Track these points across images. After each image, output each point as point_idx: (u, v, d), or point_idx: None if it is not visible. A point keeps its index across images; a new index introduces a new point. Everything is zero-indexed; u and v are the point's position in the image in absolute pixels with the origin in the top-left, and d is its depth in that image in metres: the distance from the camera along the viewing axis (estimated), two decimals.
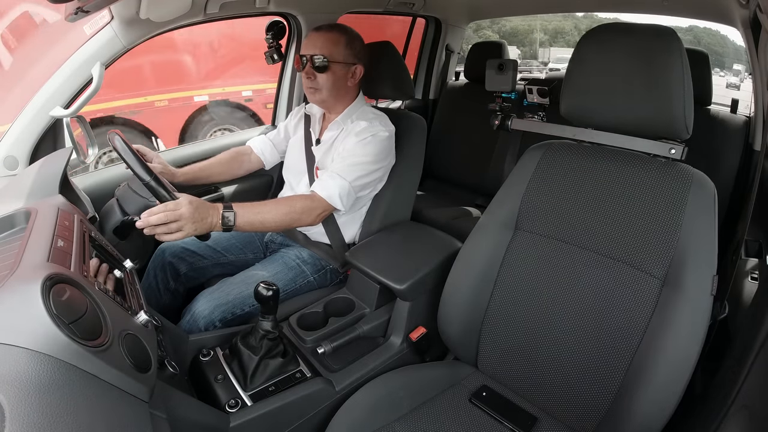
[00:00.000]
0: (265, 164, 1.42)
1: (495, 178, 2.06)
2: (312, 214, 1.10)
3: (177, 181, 1.21)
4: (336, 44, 1.17)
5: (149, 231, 0.88)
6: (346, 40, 1.19)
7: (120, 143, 0.96)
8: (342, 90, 1.22)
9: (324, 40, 1.17)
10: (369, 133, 1.16)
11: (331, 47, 1.16)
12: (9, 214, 0.71)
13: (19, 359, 0.42)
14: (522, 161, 0.97)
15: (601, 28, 0.83)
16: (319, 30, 1.20)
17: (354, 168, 1.14)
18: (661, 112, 0.77)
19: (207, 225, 0.93)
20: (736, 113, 1.67)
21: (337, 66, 1.18)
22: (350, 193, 1.13)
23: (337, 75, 1.19)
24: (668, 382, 0.74)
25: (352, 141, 1.17)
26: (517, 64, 1.06)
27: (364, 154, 1.15)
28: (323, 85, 1.18)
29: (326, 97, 1.21)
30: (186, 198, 0.91)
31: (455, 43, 2.47)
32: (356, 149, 1.15)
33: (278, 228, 1.08)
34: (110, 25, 1.14)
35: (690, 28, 6.90)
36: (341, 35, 1.18)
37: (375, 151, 1.16)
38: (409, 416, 0.86)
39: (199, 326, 1.04)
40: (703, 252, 0.75)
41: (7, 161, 1.11)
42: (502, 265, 0.94)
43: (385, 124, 1.21)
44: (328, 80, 1.18)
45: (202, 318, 1.04)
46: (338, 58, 1.17)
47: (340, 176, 1.12)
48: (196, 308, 1.07)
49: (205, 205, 0.94)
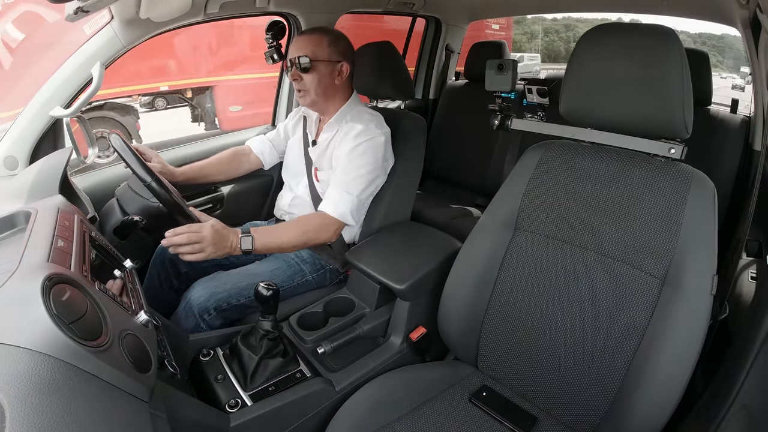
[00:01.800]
0: (264, 164, 1.42)
1: (495, 178, 2.06)
2: (328, 231, 1.14)
3: (176, 180, 1.21)
4: (318, 44, 1.18)
5: (173, 250, 0.94)
6: (329, 39, 1.19)
7: (120, 143, 0.96)
8: (330, 89, 1.22)
9: (306, 42, 1.18)
10: (365, 138, 1.16)
11: (314, 47, 1.17)
12: (9, 214, 0.71)
13: (19, 359, 0.42)
14: (522, 161, 0.97)
15: (600, 28, 0.83)
16: (302, 33, 1.22)
17: (357, 181, 1.15)
18: (661, 111, 0.77)
19: (227, 249, 0.99)
20: (736, 113, 1.67)
21: (321, 65, 1.18)
22: (359, 208, 1.17)
23: (323, 73, 1.19)
24: (668, 382, 0.74)
25: (348, 145, 1.17)
26: (516, 64, 1.06)
27: (365, 164, 1.16)
28: (310, 85, 1.19)
29: (315, 98, 1.21)
30: (210, 222, 0.98)
31: (455, 43, 2.47)
32: (355, 160, 1.16)
33: (295, 248, 1.13)
34: (110, 25, 1.14)
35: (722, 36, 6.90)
36: (323, 35, 1.19)
37: (374, 159, 1.17)
38: (409, 416, 0.86)
39: (193, 312, 1.04)
40: (703, 252, 0.75)
41: (7, 161, 1.11)
42: (502, 265, 0.94)
43: (380, 126, 1.21)
44: (314, 80, 1.18)
45: (197, 305, 1.05)
46: (322, 56, 1.18)
47: (347, 192, 1.14)
48: (191, 295, 1.07)
49: (226, 229, 1.00)
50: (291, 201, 1.31)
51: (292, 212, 1.30)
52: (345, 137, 1.19)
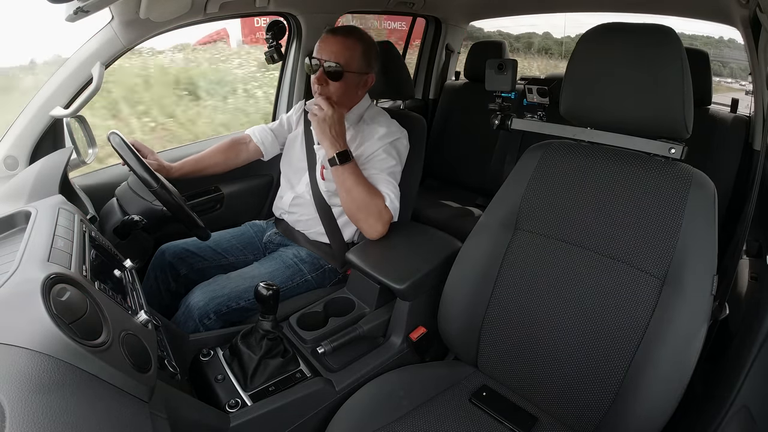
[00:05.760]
0: (264, 154, 1.38)
1: (495, 178, 2.06)
2: (381, 221, 1.10)
3: (173, 176, 1.20)
4: (353, 52, 1.13)
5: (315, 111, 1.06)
6: (363, 48, 1.15)
7: (120, 143, 0.96)
8: (353, 98, 1.22)
9: (341, 47, 1.12)
10: (391, 138, 1.18)
11: (347, 55, 1.12)
12: (9, 214, 0.71)
13: (19, 359, 0.42)
14: (522, 161, 0.97)
15: (600, 28, 0.83)
16: (336, 34, 1.15)
17: (393, 177, 1.16)
18: (661, 111, 0.77)
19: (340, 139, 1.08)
20: (736, 113, 1.67)
21: (351, 76, 1.14)
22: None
23: (350, 84, 1.16)
24: (668, 382, 0.74)
25: (376, 145, 1.17)
26: (516, 63, 1.06)
27: (394, 162, 1.17)
28: (334, 93, 1.14)
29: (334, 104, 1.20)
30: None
31: (455, 43, 2.47)
32: (387, 157, 1.17)
33: (352, 205, 1.10)
34: (110, 25, 1.14)
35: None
36: (357, 41, 1.14)
37: (400, 156, 1.20)
38: (409, 416, 0.86)
39: (193, 317, 1.04)
40: (703, 252, 0.75)
41: (7, 161, 1.11)
42: (502, 264, 0.94)
43: (400, 128, 1.23)
44: (340, 89, 1.14)
45: (197, 309, 1.04)
46: (353, 67, 1.14)
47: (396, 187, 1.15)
48: (191, 300, 1.06)
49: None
50: (292, 200, 1.30)
51: (293, 211, 1.30)
52: (369, 138, 1.18)
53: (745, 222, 0.87)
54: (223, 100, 3.40)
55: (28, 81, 1.15)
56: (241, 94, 3.48)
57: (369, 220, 1.10)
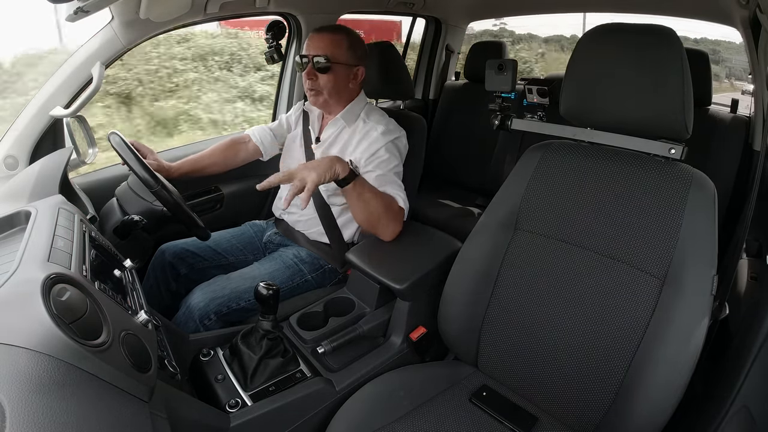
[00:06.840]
0: (264, 154, 1.38)
1: (495, 178, 2.06)
2: (398, 222, 1.12)
3: (173, 176, 1.21)
4: (338, 45, 1.17)
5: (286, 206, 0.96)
6: (349, 42, 1.18)
7: (120, 143, 0.97)
8: (344, 92, 1.22)
9: (327, 42, 1.16)
10: (392, 136, 1.19)
11: (334, 48, 1.16)
12: (9, 214, 0.71)
13: (19, 359, 0.42)
14: (522, 161, 0.97)
15: (600, 28, 0.83)
16: (321, 31, 1.20)
17: (398, 176, 1.17)
18: (661, 111, 0.77)
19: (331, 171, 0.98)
20: (736, 113, 1.67)
21: (339, 67, 1.17)
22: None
23: (339, 76, 1.18)
24: (668, 382, 0.74)
25: (376, 145, 1.17)
26: (516, 63, 1.06)
27: (396, 162, 1.18)
28: (324, 86, 1.18)
29: (327, 99, 1.20)
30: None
31: (455, 43, 2.47)
32: (390, 157, 1.17)
33: (363, 220, 1.10)
34: (110, 25, 1.14)
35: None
36: (344, 36, 1.18)
37: (401, 155, 1.21)
38: (409, 416, 0.86)
39: (193, 317, 1.04)
40: (703, 252, 0.75)
41: (7, 161, 1.11)
42: (502, 264, 0.94)
43: (398, 127, 1.23)
44: (330, 81, 1.18)
45: (197, 310, 1.04)
46: (340, 59, 1.17)
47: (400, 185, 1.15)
48: (192, 300, 1.07)
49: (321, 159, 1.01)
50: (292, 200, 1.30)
51: (292, 211, 1.30)
52: (369, 135, 1.18)
53: (744, 222, 0.87)
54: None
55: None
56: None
57: (390, 225, 1.12)
